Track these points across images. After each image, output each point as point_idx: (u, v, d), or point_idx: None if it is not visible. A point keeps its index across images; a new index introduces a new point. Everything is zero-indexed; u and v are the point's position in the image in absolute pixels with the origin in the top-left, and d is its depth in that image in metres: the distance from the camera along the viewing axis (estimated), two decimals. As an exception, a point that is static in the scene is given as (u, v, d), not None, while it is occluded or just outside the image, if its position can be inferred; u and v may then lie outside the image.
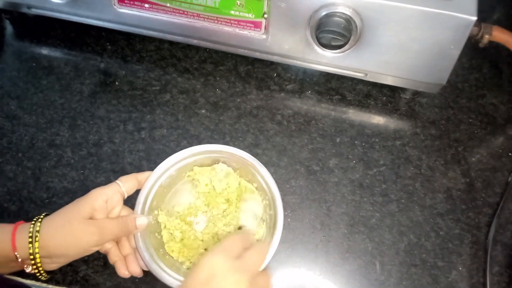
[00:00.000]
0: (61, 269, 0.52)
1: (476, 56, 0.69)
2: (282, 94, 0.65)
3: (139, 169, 0.59)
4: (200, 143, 0.61)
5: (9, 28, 0.71)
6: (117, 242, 0.51)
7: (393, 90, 0.65)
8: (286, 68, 0.67)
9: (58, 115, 0.63)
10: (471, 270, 0.54)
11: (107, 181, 0.58)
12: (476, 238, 0.56)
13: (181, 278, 0.48)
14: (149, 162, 0.60)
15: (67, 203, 0.56)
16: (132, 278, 0.52)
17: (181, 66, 0.68)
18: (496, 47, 0.61)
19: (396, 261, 0.54)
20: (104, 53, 0.68)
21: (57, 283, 0.52)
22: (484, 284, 0.53)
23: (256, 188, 0.53)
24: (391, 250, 0.55)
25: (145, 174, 0.52)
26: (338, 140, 0.62)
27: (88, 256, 0.53)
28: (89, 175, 0.59)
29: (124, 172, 0.59)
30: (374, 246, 0.55)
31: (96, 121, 0.63)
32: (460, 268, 0.54)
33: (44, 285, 0.52)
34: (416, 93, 0.65)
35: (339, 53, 0.57)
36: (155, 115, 0.63)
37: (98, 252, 0.53)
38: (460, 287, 0.53)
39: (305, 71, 0.67)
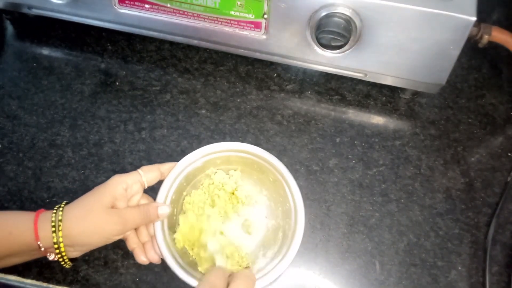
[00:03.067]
0: (61, 269, 0.53)
1: (476, 56, 0.69)
2: (282, 94, 0.66)
3: (139, 169, 0.59)
4: (200, 143, 0.61)
5: (9, 28, 0.71)
6: (136, 229, 0.51)
7: (393, 90, 0.66)
8: (286, 68, 0.67)
9: (58, 115, 0.63)
10: (470, 269, 0.54)
11: (108, 181, 0.58)
12: (476, 237, 0.56)
13: (194, 273, 0.48)
14: (150, 162, 0.60)
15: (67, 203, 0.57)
16: (133, 278, 0.52)
17: (182, 66, 0.68)
18: (495, 48, 0.61)
19: (396, 261, 0.54)
20: (105, 53, 0.69)
21: (57, 283, 0.52)
22: (484, 284, 0.53)
23: (280, 193, 0.53)
24: (391, 250, 0.55)
25: (168, 165, 0.52)
26: (338, 140, 0.62)
27: (89, 255, 0.53)
28: (89, 175, 0.59)
29: (124, 172, 0.58)
30: (373, 245, 0.55)
31: (96, 121, 0.63)
32: (460, 268, 0.54)
33: (45, 284, 0.53)
34: (415, 93, 0.65)
35: (338, 53, 0.57)
36: (156, 115, 0.63)
37: (98, 251, 0.53)
38: (460, 287, 0.53)
39: (305, 71, 0.67)
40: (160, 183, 0.52)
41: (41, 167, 0.59)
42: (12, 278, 0.53)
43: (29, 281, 0.52)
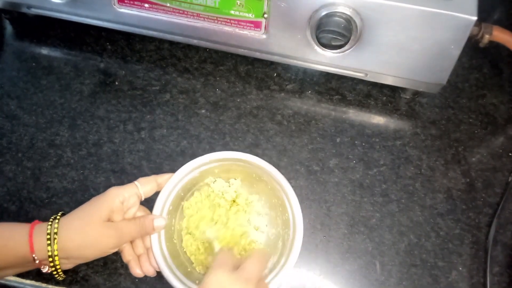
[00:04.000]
0: (61, 269, 0.53)
1: (476, 56, 0.69)
2: (282, 94, 0.65)
3: (139, 169, 0.59)
4: (200, 143, 0.61)
5: (8, 28, 0.71)
6: (131, 241, 0.51)
7: (393, 90, 0.65)
8: (286, 68, 0.67)
9: (57, 115, 0.63)
10: (471, 270, 0.54)
11: (107, 181, 0.58)
12: (477, 238, 0.56)
13: (191, 284, 0.48)
14: (149, 162, 0.60)
15: (67, 203, 0.57)
16: (132, 278, 0.52)
17: (181, 66, 0.68)
18: (496, 47, 0.60)
19: (396, 261, 0.54)
20: (104, 53, 0.68)
21: (56, 283, 0.52)
22: (484, 284, 0.53)
23: (279, 203, 0.53)
24: (391, 250, 0.55)
25: (165, 176, 0.52)
26: (338, 140, 0.62)
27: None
28: (88, 175, 0.59)
29: (124, 172, 0.59)
30: (374, 246, 0.55)
31: (96, 121, 0.63)
32: (460, 268, 0.54)
33: (44, 285, 0.52)
34: (416, 93, 0.64)
35: (339, 53, 0.57)
36: (155, 115, 0.63)
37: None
38: (460, 287, 0.53)
39: (305, 71, 0.67)
40: (157, 193, 0.52)
41: (40, 167, 0.59)
42: (12, 279, 0.53)
43: (28, 281, 0.52)
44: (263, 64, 0.67)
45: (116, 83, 0.66)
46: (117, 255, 0.53)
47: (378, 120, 0.64)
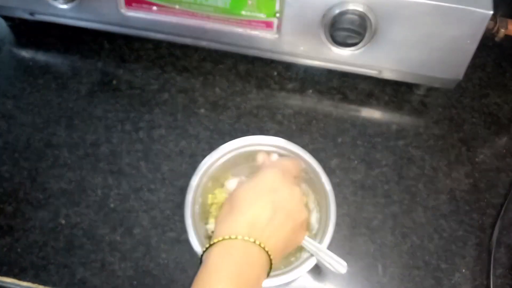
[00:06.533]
0: (58, 271, 0.52)
1: (480, 55, 0.68)
2: (283, 93, 0.65)
3: (137, 169, 0.59)
4: (199, 143, 0.61)
5: (5, 26, 0.70)
6: None
7: (396, 90, 0.65)
8: (287, 66, 0.66)
9: (55, 114, 0.62)
10: (474, 272, 0.53)
11: (105, 181, 0.58)
12: (480, 239, 0.55)
13: None
14: (147, 163, 0.59)
15: (64, 204, 0.56)
16: (130, 281, 0.52)
17: (180, 65, 0.67)
18: (499, 46, 0.60)
19: (399, 263, 0.54)
20: (102, 51, 0.68)
21: (54, 285, 0.52)
22: (488, 286, 0.52)
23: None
24: (394, 252, 0.54)
25: None
26: (339, 140, 0.61)
27: (85, 258, 0.53)
28: (86, 175, 0.58)
29: (121, 173, 0.58)
30: (376, 248, 0.55)
31: (93, 121, 0.62)
32: (464, 270, 0.54)
33: (42, 287, 0.52)
34: (418, 93, 0.64)
35: (353, 51, 0.56)
36: (154, 115, 0.62)
37: (95, 254, 0.53)
38: (464, 290, 0.53)
39: (306, 69, 0.66)
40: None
41: (37, 168, 0.58)
42: (8, 281, 0.52)
43: (25, 283, 0.52)
44: (263, 63, 0.67)
45: (114, 82, 0.65)
46: (114, 257, 0.53)
47: (380, 119, 0.63)
